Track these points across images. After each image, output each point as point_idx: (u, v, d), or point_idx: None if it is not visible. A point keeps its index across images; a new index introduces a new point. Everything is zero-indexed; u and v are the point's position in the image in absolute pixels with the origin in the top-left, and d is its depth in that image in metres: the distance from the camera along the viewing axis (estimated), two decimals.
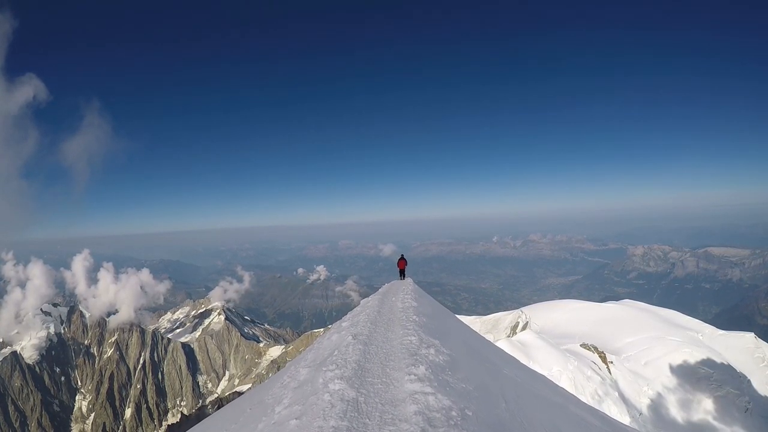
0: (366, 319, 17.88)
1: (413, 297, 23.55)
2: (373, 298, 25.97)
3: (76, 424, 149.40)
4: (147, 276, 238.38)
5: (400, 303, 21.61)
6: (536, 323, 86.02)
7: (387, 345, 13.71)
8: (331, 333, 18.02)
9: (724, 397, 55.78)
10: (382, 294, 27.50)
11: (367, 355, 12.61)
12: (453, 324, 23.83)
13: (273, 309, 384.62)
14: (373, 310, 20.30)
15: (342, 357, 12.31)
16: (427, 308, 21.65)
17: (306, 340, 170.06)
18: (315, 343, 18.75)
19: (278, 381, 14.12)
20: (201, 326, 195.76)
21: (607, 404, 52.11)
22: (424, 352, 12.42)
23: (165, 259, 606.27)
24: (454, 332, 19.41)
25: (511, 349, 56.95)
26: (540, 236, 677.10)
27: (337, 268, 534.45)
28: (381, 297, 25.41)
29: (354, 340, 14.28)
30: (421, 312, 19.28)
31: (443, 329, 18.25)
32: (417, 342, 13.52)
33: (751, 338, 68.47)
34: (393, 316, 18.44)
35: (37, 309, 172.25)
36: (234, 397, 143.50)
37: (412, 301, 21.93)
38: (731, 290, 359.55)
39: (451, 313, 31.99)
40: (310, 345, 21.32)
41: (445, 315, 26.74)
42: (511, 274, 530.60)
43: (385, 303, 22.59)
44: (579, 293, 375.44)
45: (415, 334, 14.48)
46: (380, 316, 18.63)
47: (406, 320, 17.13)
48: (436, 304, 29.17)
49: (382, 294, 27.50)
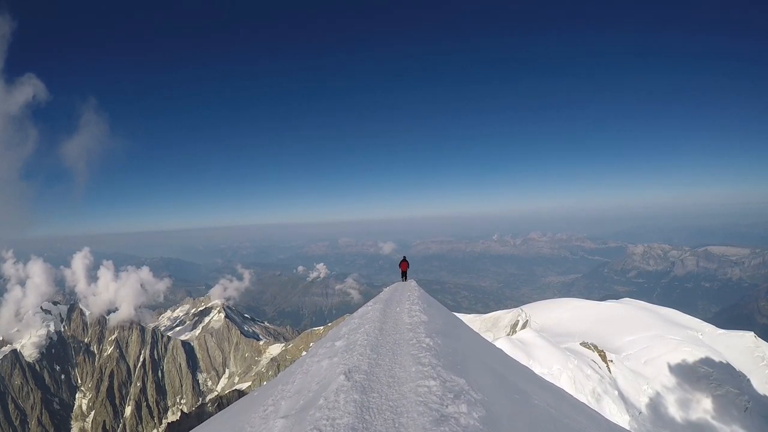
0: (365, 342, 14.21)
1: (421, 308, 20.06)
2: (374, 307, 22.01)
3: (76, 422, 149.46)
4: (147, 274, 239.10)
5: (407, 316, 18.47)
6: (536, 322, 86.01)
7: (394, 392, 9.82)
8: (322, 355, 14.28)
9: (724, 396, 55.83)
10: (384, 302, 23.75)
11: (366, 412, 8.77)
12: (468, 339, 20.06)
13: (273, 307, 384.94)
14: (373, 326, 16.88)
15: (328, 418, 8.45)
16: (437, 321, 18.49)
17: (306, 338, 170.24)
18: (305, 361, 15.02)
19: (255, 409, 11.77)
20: (201, 324, 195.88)
21: (607, 403, 52.19)
22: (452, 410, 8.45)
23: (165, 257, 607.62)
24: (472, 354, 15.79)
25: (512, 347, 57.00)
26: (540, 234, 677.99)
27: (337, 266, 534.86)
28: (383, 306, 21.77)
29: (347, 381, 10.50)
30: (433, 329, 16.01)
31: (462, 353, 14.38)
32: (438, 389, 9.55)
33: (750, 337, 68.45)
34: (399, 337, 14.91)
35: (37, 307, 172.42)
36: (234, 395, 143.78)
37: (420, 313, 18.72)
38: (731, 289, 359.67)
39: (461, 321, 28.64)
40: (299, 360, 18.09)
41: (457, 327, 22.34)
42: (511, 272, 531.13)
43: (389, 315, 19.42)
44: (579, 292, 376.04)
45: (433, 374, 10.62)
46: (383, 336, 15.13)
47: (417, 344, 13.44)
48: (445, 312, 26.59)
49: (384, 302, 23.75)
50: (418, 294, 25.48)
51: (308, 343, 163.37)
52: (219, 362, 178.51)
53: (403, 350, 13.08)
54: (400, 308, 20.33)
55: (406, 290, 27.95)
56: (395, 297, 25.34)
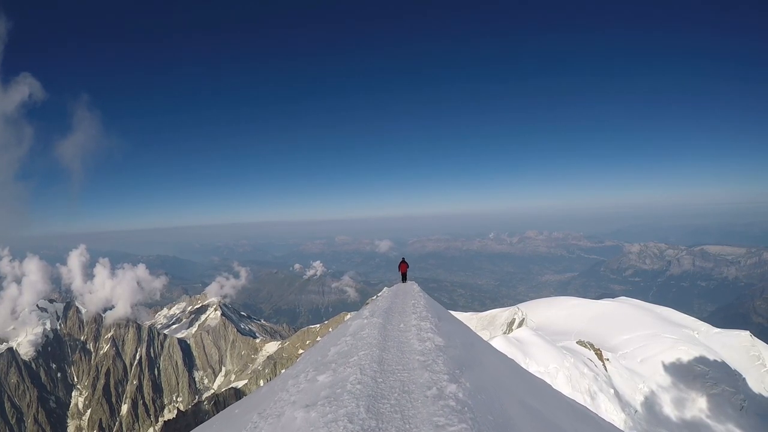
0: (357, 387, 9.39)
1: (432, 324, 15.48)
2: (371, 321, 17.14)
3: (72, 420, 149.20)
4: (143, 272, 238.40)
5: (417, 339, 13.41)
6: (532, 320, 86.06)
7: None
8: (300, 392, 10.42)
9: (720, 395, 56.05)
10: (383, 313, 18.84)
11: None
12: (490, 361, 16.00)
13: (269, 305, 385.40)
14: (371, 354, 11.90)
15: None
16: (455, 343, 13.84)
17: (302, 336, 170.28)
18: (279, 394, 11.19)
19: None
20: (197, 322, 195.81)
21: (603, 401, 52.31)
22: None
23: (161, 254, 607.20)
24: (503, 390, 12.06)
25: (508, 346, 57.08)
26: (536, 233, 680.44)
27: (333, 264, 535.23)
28: (383, 321, 17.00)
29: None
30: (455, 361, 11.27)
31: (493, 393, 10.48)
32: None
33: (746, 336, 68.64)
34: (409, 379, 9.87)
35: (34, 305, 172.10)
36: (230, 393, 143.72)
37: (434, 334, 13.71)
38: (727, 288, 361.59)
39: (472, 331, 24.29)
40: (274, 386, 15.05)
41: (474, 343, 18.11)
42: (508, 270, 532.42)
43: (391, 334, 14.63)
44: (575, 290, 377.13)
45: None
46: (384, 376, 10.17)
47: (440, 398, 8.43)
48: (456, 324, 21.78)
49: (383, 313, 18.84)
50: (425, 302, 21.23)
51: (304, 341, 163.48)
52: (215, 360, 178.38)
53: (420, 411, 7.96)
54: (405, 324, 16.24)
55: (409, 296, 24.34)
56: (397, 305, 21.36)
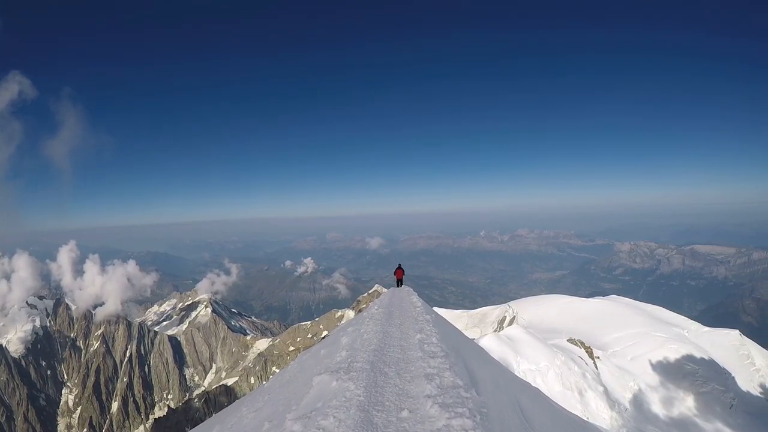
0: None
1: (448, 364, 10.98)
2: (364, 345, 13.50)
3: (62, 418, 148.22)
4: (134, 268, 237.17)
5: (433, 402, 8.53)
6: (523, 318, 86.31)
7: None
8: None
9: (709, 394, 56.43)
10: (380, 325, 15.99)
11: None
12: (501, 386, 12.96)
13: (260, 301, 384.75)
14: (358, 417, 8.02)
15: None
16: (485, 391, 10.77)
17: (293, 333, 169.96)
18: None
19: None
20: (188, 319, 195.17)
21: (593, 398, 52.57)
22: None
23: (152, 251, 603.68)
24: None
25: (499, 343, 57.27)
26: (528, 231, 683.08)
27: (324, 261, 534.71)
28: (376, 348, 12.87)
29: None
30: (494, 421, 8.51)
31: None
32: None
33: (735, 335, 69.14)
34: None
35: (23, 302, 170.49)
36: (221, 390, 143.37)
37: (454, 376, 9.97)
38: (716, 288, 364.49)
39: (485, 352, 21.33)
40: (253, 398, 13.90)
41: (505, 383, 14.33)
42: (499, 268, 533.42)
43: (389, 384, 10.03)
44: (566, 288, 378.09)
45: None
46: None
47: None
48: (480, 353, 18.67)
49: (380, 325, 15.99)
50: (434, 323, 16.66)
51: (295, 338, 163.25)
52: (206, 357, 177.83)
53: None
54: (410, 353, 12.47)
55: (409, 308, 20.73)
56: (394, 318, 18.34)
